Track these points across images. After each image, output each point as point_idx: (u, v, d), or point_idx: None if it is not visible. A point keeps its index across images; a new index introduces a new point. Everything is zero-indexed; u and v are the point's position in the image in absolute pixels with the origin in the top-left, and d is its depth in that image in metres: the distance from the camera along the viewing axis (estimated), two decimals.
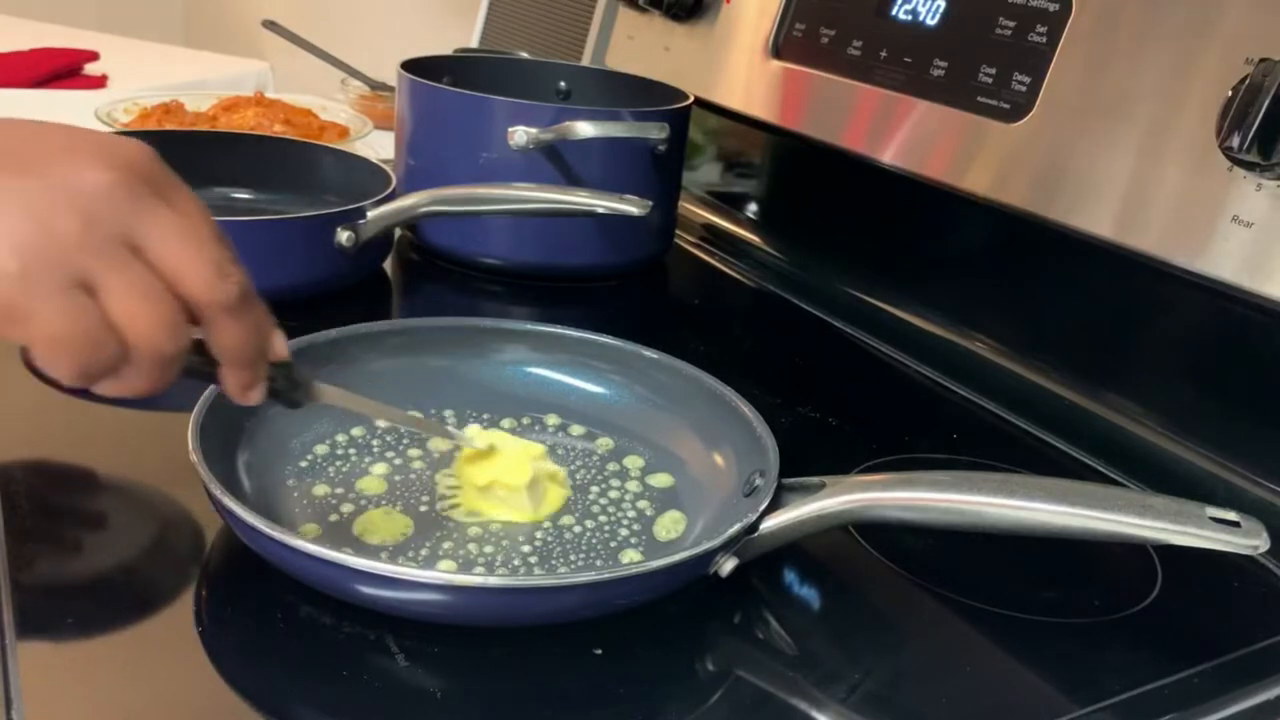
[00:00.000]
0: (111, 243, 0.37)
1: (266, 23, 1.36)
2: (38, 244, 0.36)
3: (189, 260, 0.39)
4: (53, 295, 0.36)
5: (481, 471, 0.51)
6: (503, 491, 0.51)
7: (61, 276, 0.36)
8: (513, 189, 0.75)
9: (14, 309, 0.36)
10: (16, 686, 0.38)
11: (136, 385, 0.39)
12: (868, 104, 0.81)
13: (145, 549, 0.48)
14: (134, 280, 0.38)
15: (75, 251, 0.37)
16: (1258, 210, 0.58)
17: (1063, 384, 0.72)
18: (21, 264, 0.36)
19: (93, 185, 0.37)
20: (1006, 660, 0.48)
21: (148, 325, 0.38)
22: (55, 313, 0.36)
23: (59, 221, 0.36)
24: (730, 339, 0.84)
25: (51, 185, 0.37)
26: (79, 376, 0.38)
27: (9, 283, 0.36)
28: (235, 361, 0.42)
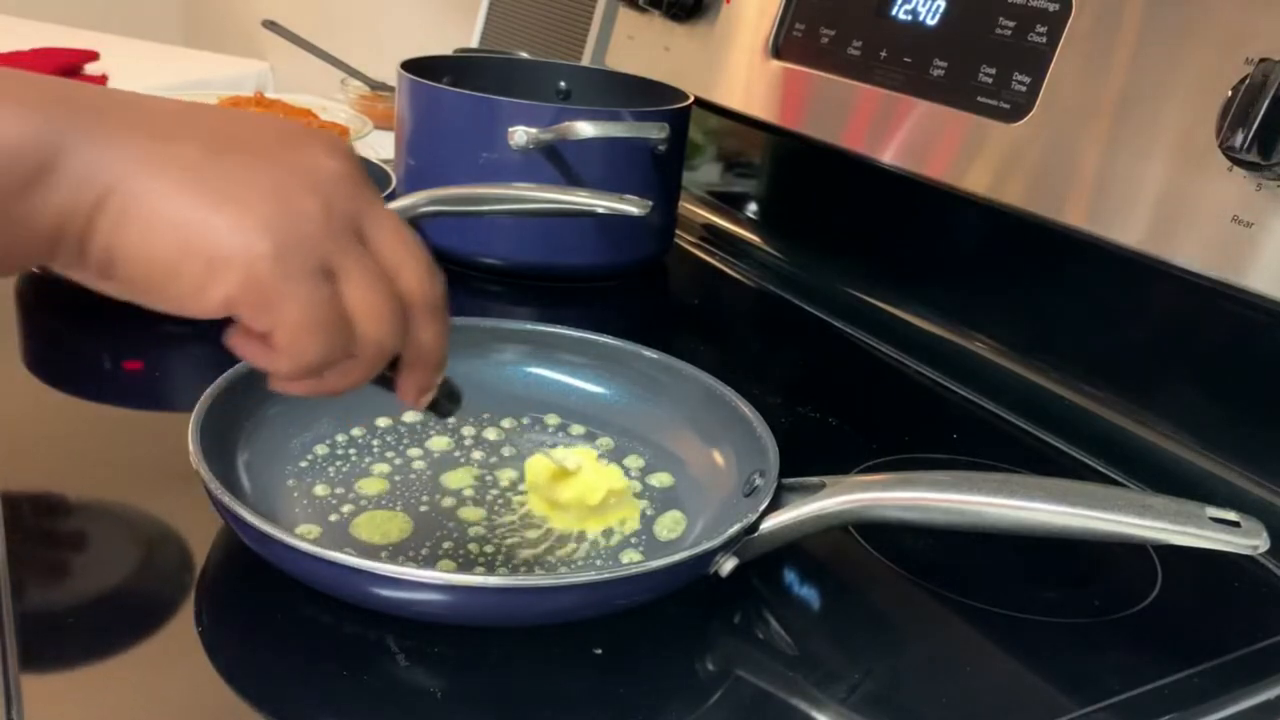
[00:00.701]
0: (347, 230, 0.36)
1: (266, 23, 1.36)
2: (286, 224, 0.35)
3: (407, 255, 0.38)
4: (303, 279, 0.35)
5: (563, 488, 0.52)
6: (575, 510, 0.51)
7: (311, 259, 0.35)
8: (513, 189, 0.75)
9: (266, 291, 0.34)
10: (17, 685, 0.38)
11: (346, 381, 0.38)
12: (868, 104, 0.81)
13: (145, 549, 0.48)
14: (367, 270, 0.37)
15: (320, 236, 0.35)
16: (1258, 210, 0.58)
17: (1063, 384, 0.72)
18: (275, 244, 0.34)
19: (327, 170, 0.37)
20: (1006, 660, 0.48)
21: (378, 317, 0.37)
22: (307, 297, 0.35)
23: (305, 204, 0.35)
24: (730, 339, 0.84)
25: (290, 168, 0.36)
26: (314, 365, 0.36)
27: (264, 263, 0.34)
28: (425, 363, 0.40)
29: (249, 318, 0.35)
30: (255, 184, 0.35)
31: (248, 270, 0.34)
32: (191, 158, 0.35)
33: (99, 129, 0.34)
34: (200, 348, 0.68)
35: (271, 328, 0.35)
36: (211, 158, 0.35)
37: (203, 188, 0.34)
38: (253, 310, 0.35)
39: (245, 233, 0.34)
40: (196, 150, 0.35)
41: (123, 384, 0.63)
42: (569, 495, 0.52)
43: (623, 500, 0.53)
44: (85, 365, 0.64)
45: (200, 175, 0.35)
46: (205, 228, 0.34)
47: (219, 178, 0.35)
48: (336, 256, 0.36)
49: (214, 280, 0.34)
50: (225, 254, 0.34)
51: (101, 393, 0.61)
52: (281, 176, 0.36)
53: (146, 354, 0.65)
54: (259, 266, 0.34)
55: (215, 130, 0.37)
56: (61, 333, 0.67)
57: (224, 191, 0.35)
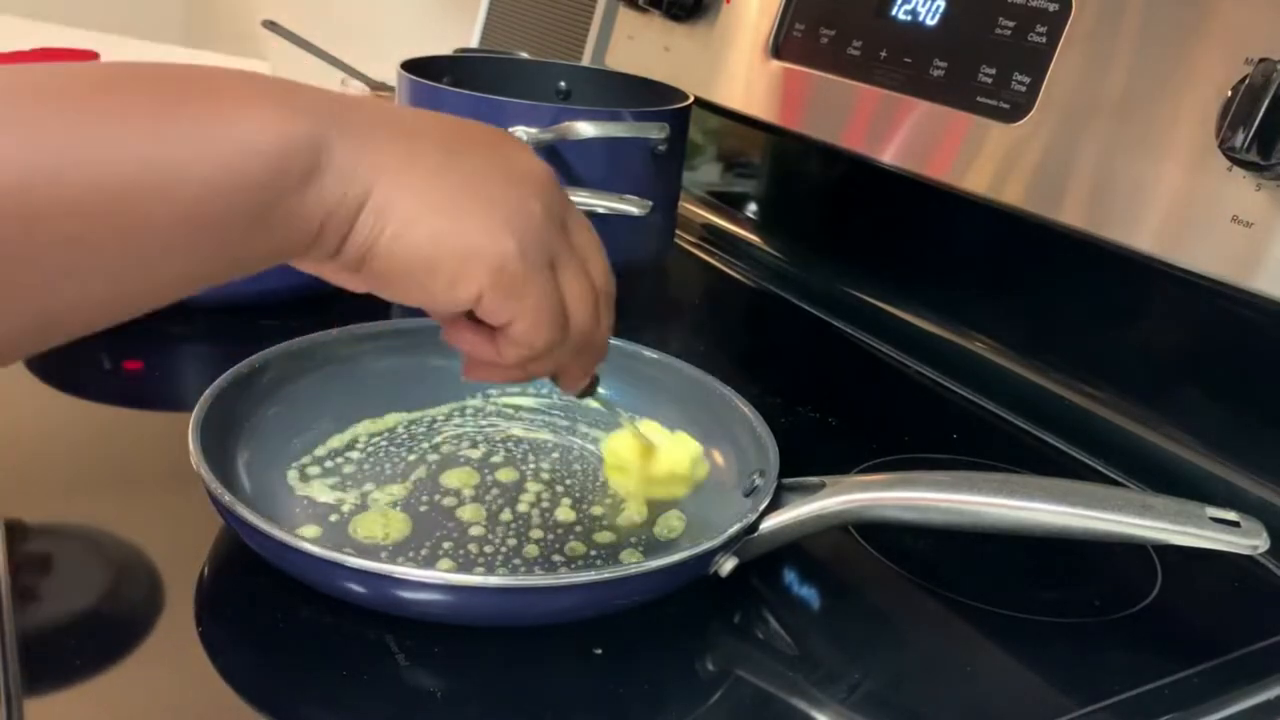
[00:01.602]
0: (560, 226, 0.39)
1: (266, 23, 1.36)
2: (525, 224, 0.37)
3: (595, 250, 0.41)
4: (541, 271, 0.38)
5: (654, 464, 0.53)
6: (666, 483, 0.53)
7: (544, 254, 0.38)
8: None
9: (515, 284, 0.37)
10: (17, 685, 0.38)
11: (548, 368, 0.42)
12: (868, 104, 0.81)
13: (145, 549, 0.48)
14: (577, 263, 0.40)
15: (546, 232, 0.38)
16: (1258, 210, 0.58)
17: (1063, 384, 0.72)
18: (519, 242, 0.37)
19: (538, 172, 0.39)
20: (1006, 660, 0.48)
21: (587, 306, 0.40)
22: (546, 288, 0.38)
23: (529, 202, 0.38)
24: (730, 339, 0.84)
25: (516, 170, 0.38)
26: (543, 351, 0.39)
27: (513, 260, 0.37)
28: (595, 350, 0.43)
29: (494, 309, 0.37)
30: (491, 185, 0.37)
31: (499, 264, 0.36)
32: (436, 158, 0.37)
33: (354, 129, 0.35)
34: (200, 348, 0.68)
35: (514, 317, 0.38)
36: (452, 159, 0.37)
37: (451, 189, 0.36)
38: (502, 300, 0.37)
39: (493, 231, 0.36)
40: (438, 150, 0.37)
41: (123, 384, 0.63)
42: (663, 469, 0.53)
43: (700, 462, 0.54)
44: (85, 365, 0.64)
45: (447, 176, 0.37)
46: (460, 226, 0.36)
47: (463, 179, 0.37)
48: (556, 250, 0.39)
49: (468, 275, 0.36)
50: (479, 250, 0.36)
51: (101, 393, 0.61)
52: (506, 177, 0.38)
53: (146, 354, 0.65)
54: (508, 261, 0.37)
55: (442, 131, 0.38)
56: None
57: (470, 192, 0.37)
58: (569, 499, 0.54)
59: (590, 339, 0.42)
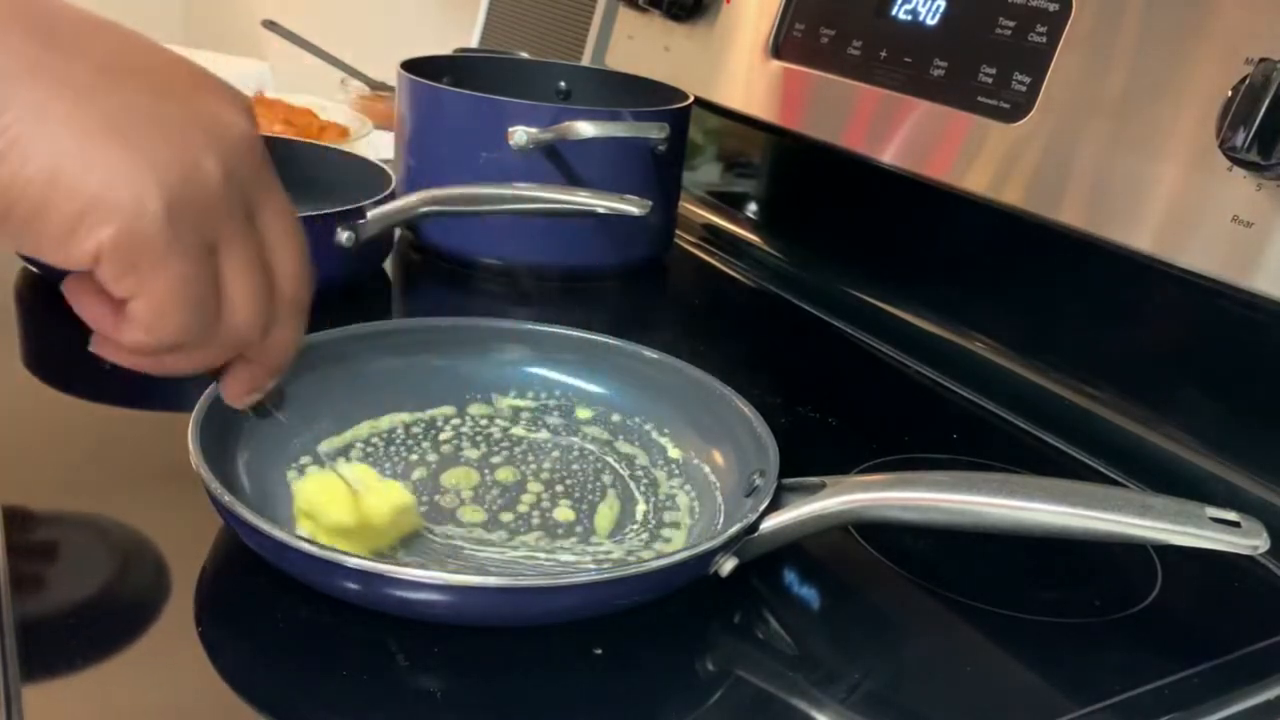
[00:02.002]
0: (241, 204, 0.32)
1: (266, 23, 1.36)
2: (184, 184, 0.30)
3: (291, 248, 0.35)
4: (188, 249, 0.31)
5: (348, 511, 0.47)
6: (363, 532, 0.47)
7: (201, 229, 0.31)
8: (513, 189, 0.75)
9: (142, 253, 0.30)
10: (17, 686, 0.38)
11: (187, 365, 0.35)
12: (868, 104, 0.81)
13: (145, 549, 0.48)
14: (251, 254, 0.33)
15: (214, 204, 0.31)
16: (1258, 210, 0.58)
17: (1063, 384, 0.72)
18: (167, 204, 0.30)
19: (236, 131, 0.32)
20: (1006, 660, 0.48)
21: (250, 306, 0.33)
22: (185, 269, 0.31)
23: (205, 162, 0.31)
24: (730, 339, 0.84)
25: (197, 117, 0.31)
26: (171, 344, 0.33)
27: (149, 222, 0.29)
28: (267, 364, 0.38)
29: (112, 277, 0.30)
30: (153, 122, 0.30)
31: (129, 225, 0.29)
32: (85, 77, 0.30)
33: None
34: None
35: (136, 293, 0.31)
36: (108, 81, 0.30)
37: (98, 119, 0.29)
38: (120, 269, 0.30)
39: (134, 180, 0.29)
40: (91, 70, 0.30)
41: (123, 384, 0.62)
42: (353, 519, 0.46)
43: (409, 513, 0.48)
44: (85, 365, 0.64)
45: (99, 105, 0.29)
46: (90, 162, 0.29)
47: (119, 112, 0.30)
48: (224, 232, 0.32)
49: (86, 226, 0.29)
50: (106, 199, 0.29)
51: (101, 393, 0.61)
52: (186, 122, 0.31)
53: None
54: (143, 221, 0.29)
55: (119, 53, 0.31)
56: (61, 333, 0.67)
57: (121, 128, 0.29)
58: (569, 499, 0.54)
59: (255, 347, 0.36)
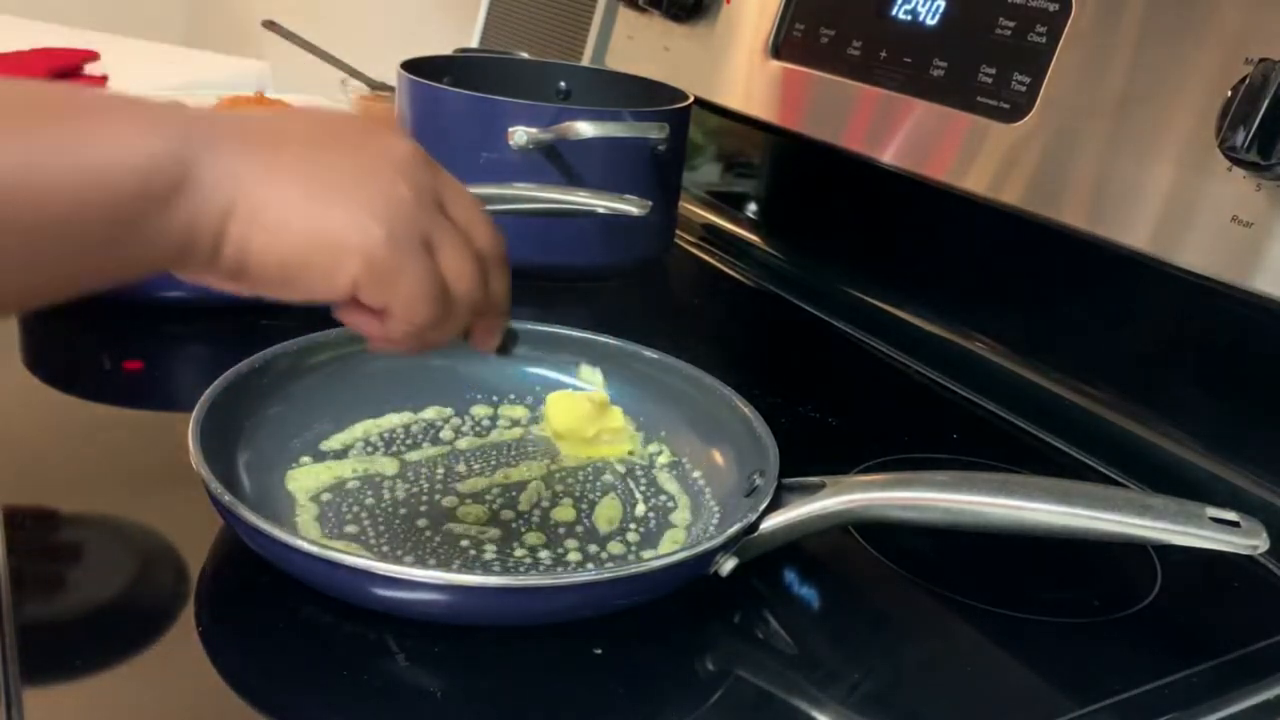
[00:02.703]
0: (434, 204, 0.41)
1: (266, 23, 1.36)
2: (391, 210, 0.39)
3: (477, 218, 0.43)
4: (413, 254, 0.39)
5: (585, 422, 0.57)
6: (607, 435, 0.57)
7: (415, 237, 0.39)
8: (513, 189, 0.75)
9: (386, 270, 0.38)
10: (18, 686, 0.38)
11: (444, 336, 0.42)
12: (868, 104, 0.81)
13: (145, 549, 0.48)
14: (455, 238, 0.41)
15: (415, 214, 0.39)
16: (1258, 210, 0.58)
17: (1062, 384, 0.72)
18: (386, 229, 0.38)
19: (405, 155, 0.40)
20: (1006, 660, 0.48)
21: (470, 278, 0.41)
22: (418, 270, 0.39)
23: (397, 188, 0.39)
24: (730, 339, 0.84)
25: (375, 157, 0.40)
26: (426, 328, 0.41)
27: (382, 247, 0.38)
28: (499, 309, 0.45)
29: (371, 295, 0.39)
30: (355, 177, 0.39)
31: (368, 254, 0.38)
32: (297, 159, 0.39)
33: (218, 143, 0.37)
34: (200, 348, 0.68)
35: (389, 301, 0.39)
36: (313, 158, 0.39)
37: (316, 187, 0.38)
38: (375, 287, 0.39)
39: (360, 222, 0.38)
40: (300, 150, 0.39)
41: (123, 384, 0.63)
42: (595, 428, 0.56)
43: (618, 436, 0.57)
44: (85, 365, 0.64)
45: (311, 176, 0.38)
46: (326, 222, 0.38)
47: (326, 176, 0.39)
48: (431, 229, 0.40)
49: (340, 267, 0.38)
50: (347, 243, 0.38)
51: (101, 393, 0.61)
52: (372, 166, 0.39)
53: (146, 354, 0.65)
54: (376, 249, 0.38)
55: (308, 132, 0.41)
56: (61, 333, 0.67)
57: (334, 188, 0.38)
58: (569, 498, 0.54)
59: (483, 305, 0.43)
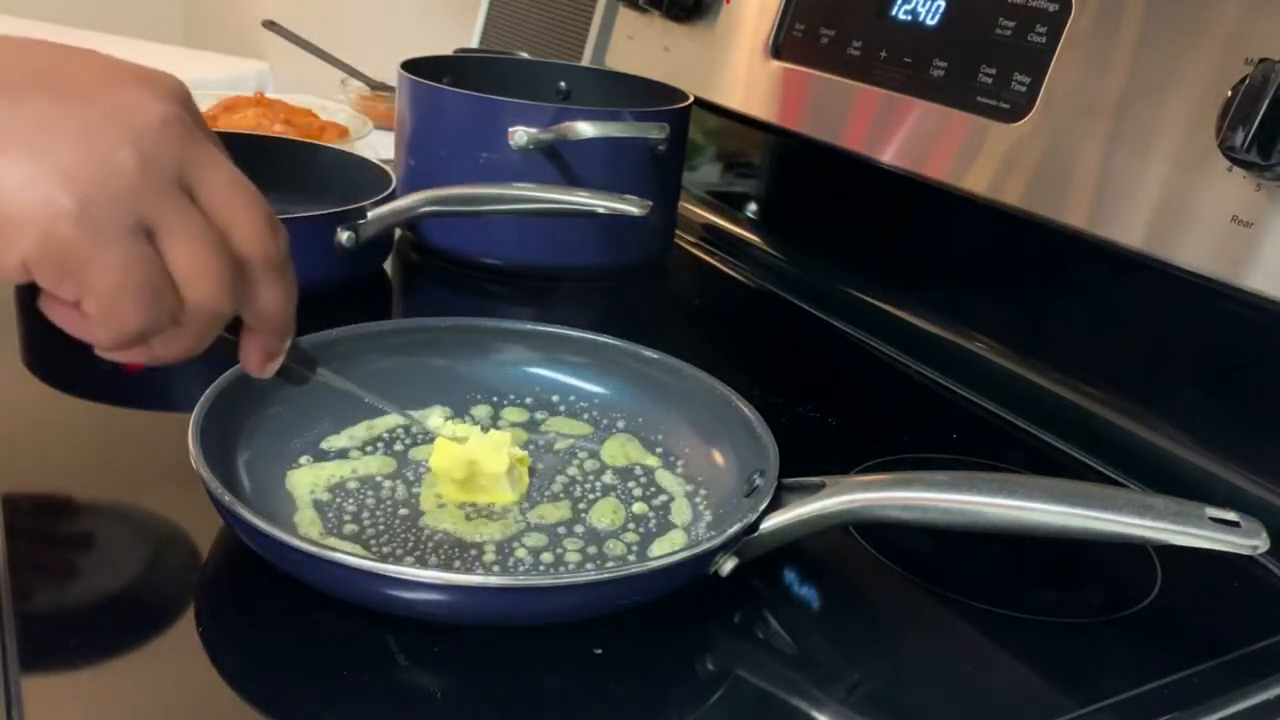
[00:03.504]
0: (170, 183, 0.33)
1: (266, 23, 1.36)
2: (96, 179, 0.31)
3: (243, 209, 0.35)
4: (115, 239, 0.32)
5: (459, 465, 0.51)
6: (484, 480, 0.51)
7: (123, 218, 0.32)
8: (513, 189, 0.75)
9: (69, 255, 0.31)
10: (17, 685, 0.38)
11: (176, 350, 0.35)
12: (868, 104, 0.81)
13: (145, 549, 0.48)
14: (194, 228, 0.33)
15: (135, 190, 0.32)
16: (1257, 210, 0.58)
17: (1062, 384, 0.72)
18: (79, 201, 0.31)
19: (149, 117, 0.33)
20: (1006, 660, 0.48)
21: (208, 279, 0.34)
22: (118, 259, 0.32)
23: (117, 154, 0.32)
24: (730, 339, 0.84)
25: (105, 113, 0.32)
26: (134, 335, 0.34)
27: (66, 223, 0.31)
28: (270, 326, 0.38)
29: (52, 283, 0.32)
30: (59, 129, 0.31)
31: (46, 230, 0.31)
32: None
33: None
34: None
35: (79, 295, 0.32)
36: (17, 98, 0.31)
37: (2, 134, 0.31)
38: (55, 276, 0.32)
39: (42, 186, 0.30)
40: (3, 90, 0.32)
41: (123, 384, 0.63)
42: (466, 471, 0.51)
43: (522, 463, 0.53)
44: (85, 365, 0.64)
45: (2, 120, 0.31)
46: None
47: (15, 120, 0.31)
48: (156, 213, 0.33)
49: (6, 242, 0.31)
50: (18, 211, 0.30)
51: (101, 393, 0.61)
52: (92, 121, 0.32)
53: None
54: (59, 226, 0.31)
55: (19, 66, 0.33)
56: (61, 333, 0.67)
57: (18, 137, 0.31)
58: (568, 499, 0.54)
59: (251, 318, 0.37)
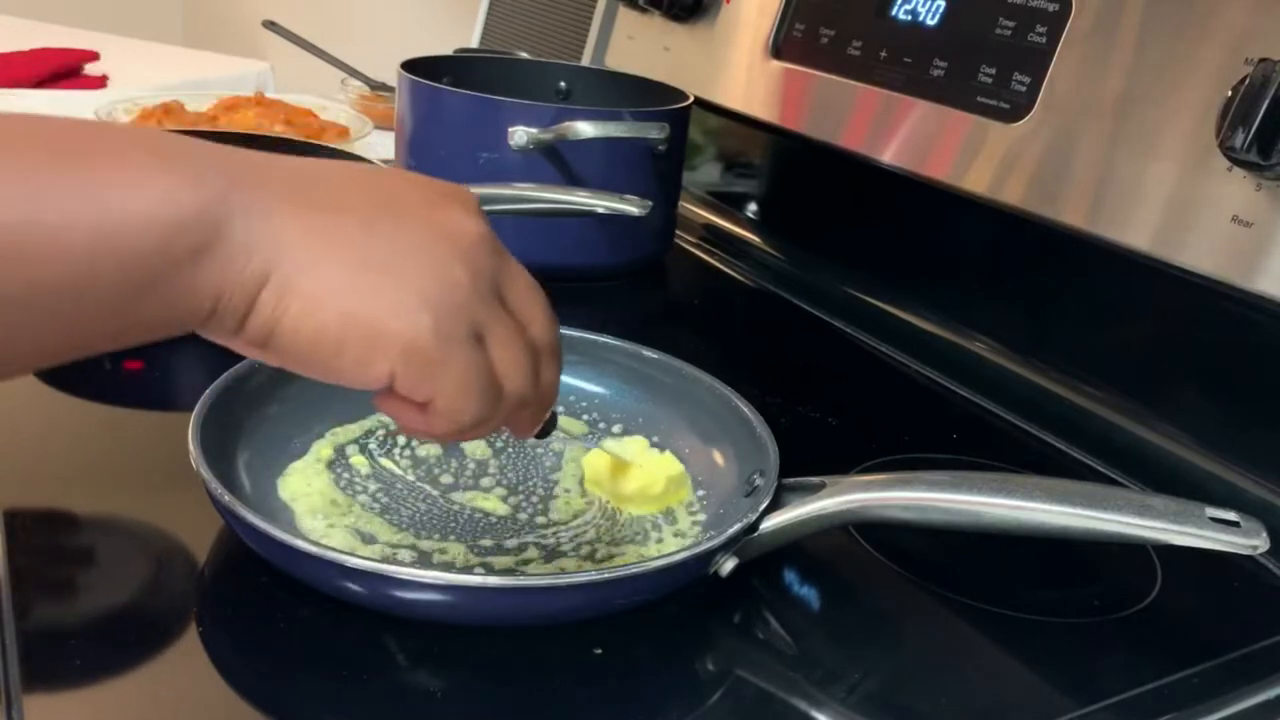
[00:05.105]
0: (491, 291, 0.37)
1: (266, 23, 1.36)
2: (443, 296, 0.35)
3: (537, 307, 0.40)
4: (461, 345, 0.36)
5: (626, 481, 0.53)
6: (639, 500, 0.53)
7: (465, 327, 0.36)
8: (513, 189, 0.75)
9: (429, 363, 0.35)
10: (17, 685, 0.38)
11: (487, 430, 0.39)
12: (868, 104, 0.81)
13: (145, 549, 0.48)
14: (510, 329, 0.38)
15: (470, 302, 0.36)
16: (1257, 210, 0.58)
17: (1062, 384, 0.72)
18: (434, 317, 0.35)
19: (470, 234, 0.37)
20: (1006, 660, 0.48)
21: (522, 373, 0.38)
22: (465, 363, 0.36)
23: (454, 271, 0.36)
24: (730, 339, 0.84)
25: (439, 233, 0.36)
26: (469, 426, 0.38)
27: (427, 336, 0.35)
28: (545, 401, 0.41)
29: (409, 387, 0.36)
30: (410, 255, 0.35)
31: (410, 344, 0.35)
32: (348, 230, 0.35)
33: (260, 200, 0.34)
34: (200, 348, 0.67)
35: (431, 395, 0.36)
36: (367, 228, 0.35)
37: (363, 263, 0.35)
38: (415, 379, 0.35)
39: (405, 308, 0.35)
40: (352, 221, 0.35)
41: (123, 384, 0.63)
42: (633, 487, 0.52)
43: (681, 484, 0.54)
44: (85, 365, 0.64)
45: (359, 249, 0.35)
46: (369, 304, 0.34)
47: (377, 250, 0.35)
48: (484, 319, 0.37)
49: (377, 355, 0.35)
50: (388, 330, 0.34)
51: (101, 393, 0.61)
52: (432, 244, 0.36)
53: (146, 354, 0.65)
54: (420, 339, 0.35)
55: (368, 199, 0.37)
56: None
57: (383, 266, 0.35)
58: (567, 498, 0.54)
59: (540, 393, 0.40)
